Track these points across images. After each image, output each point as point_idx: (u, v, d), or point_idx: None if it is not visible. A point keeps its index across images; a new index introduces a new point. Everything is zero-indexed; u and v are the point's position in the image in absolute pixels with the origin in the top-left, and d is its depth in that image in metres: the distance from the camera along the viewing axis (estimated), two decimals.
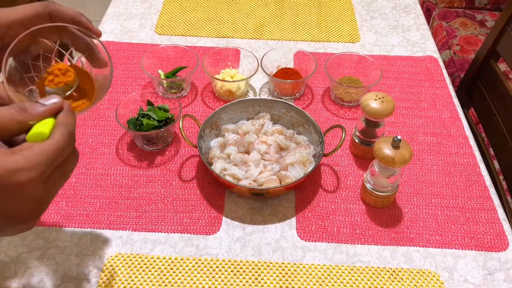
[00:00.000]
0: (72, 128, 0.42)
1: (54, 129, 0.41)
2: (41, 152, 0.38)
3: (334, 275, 0.72)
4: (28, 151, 0.38)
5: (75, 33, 0.51)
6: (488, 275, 0.72)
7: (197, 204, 0.81)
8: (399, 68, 1.09)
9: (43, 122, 0.41)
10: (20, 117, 0.40)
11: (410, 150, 0.73)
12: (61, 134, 0.40)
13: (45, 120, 0.41)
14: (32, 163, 0.38)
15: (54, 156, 0.39)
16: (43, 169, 0.38)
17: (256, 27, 1.20)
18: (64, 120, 0.42)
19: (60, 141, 0.40)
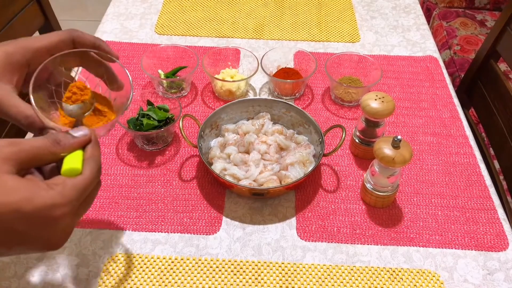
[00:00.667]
0: (99, 161, 0.46)
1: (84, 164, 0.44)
2: (74, 188, 0.42)
3: (334, 275, 0.72)
4: (62, 187, 0.41)
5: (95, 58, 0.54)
6: (488, 275, 0.72)
7: (197, 204, 0.81)
8: (399, 68, 1.09)
9: (73, 154, 0.45)
10: (53, 149, 0.43)
11: (410, 150, 0.73)
12: (91, 170, 0.44)
13: (75, 153, 0.45)
14: (67, 199, 0.41)
15: (84, 190, 0.43)
16: (75, 204, 0.42)
17: (256, 27, 1.20)
18: (93, 153, 0.45)
19: (90, 176, 0.44)
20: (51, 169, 0.46)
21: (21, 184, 0.39)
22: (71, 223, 0.43)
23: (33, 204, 0.39)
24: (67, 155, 0.44)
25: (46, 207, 0.39)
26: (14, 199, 0.38)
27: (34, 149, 0.42)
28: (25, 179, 0.41)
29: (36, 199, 0.39)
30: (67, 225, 0.42)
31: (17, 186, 0.39)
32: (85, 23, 2.65)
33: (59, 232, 0.42)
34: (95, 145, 0.46)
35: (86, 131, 0.46)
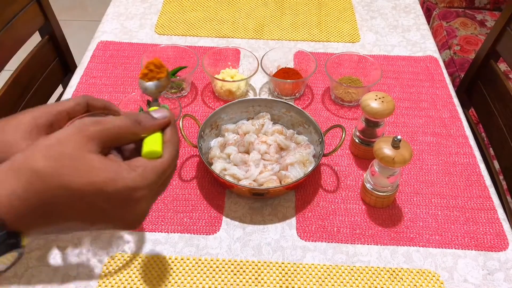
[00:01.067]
0: (177, 146, 0.47)
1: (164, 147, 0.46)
2: (154, 171, 0.44)
3: (334, 275, 0.72)
4: (143, 169, 0.43)
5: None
6: (488, 275, 0.72)
7: (197, 204, 0.81)
8: (399, 68, 1.09)
9: (153, 136, 0.45)
10: (134, 129, 0.45)
11: (410, 150, 0.73)
12: (170, 154, 0.46)
13: (155, 135, 0.46)
14: (147, 182, 0.43)
15: (163, 173, 0.45)
16: (154, 187, 0.44)
17: (256, 27, 1.20)
18: (172, 138, 0.47)
19: (169, 160, 0.45)
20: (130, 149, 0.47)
21: (105, 164, 0.41)
22: (149, 205, 0.45)
23: (116, 185, 0.41)
24: (147, 136, 0.45)
25: (128, 189, 0.41)
26: (99, 179, 0.40)
27: (117, 128, 0.44)
28: (109, 159, 0.42)
29: (119, 181, 0.41)
30: (145, 207, 0.44)
31: (102, 166, 0.41)
32: (85, 23, 2.65)
33: (137, 213, 0.44)
34: (173, 128, 0.48)
35: (165, 113, 0.47)
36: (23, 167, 0.39)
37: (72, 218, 0.41)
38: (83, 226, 0.43)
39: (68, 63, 1.28)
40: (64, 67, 1.27)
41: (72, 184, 0.39)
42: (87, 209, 0.41)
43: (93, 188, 0.40)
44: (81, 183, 0.39)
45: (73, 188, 0.39)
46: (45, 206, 0.39)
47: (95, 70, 1.06)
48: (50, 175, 0.39)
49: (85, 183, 0.40)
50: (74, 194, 0.39)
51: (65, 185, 0.39)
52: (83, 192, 0.40)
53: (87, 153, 0.41)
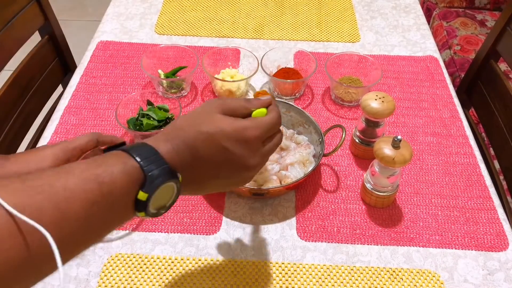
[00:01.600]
0: (279, 113, 0.59)
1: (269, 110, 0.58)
2: (261, 121, 0.55)
3: (334, 275, 0.72)
4: (252, 120, 0.55)
5: None
6: (488, 275, 0.72)
7: (197, 204, 0.81)
8: (399, 68, 1.09)
9: (259, 110, 0.57)
10: (247, 105, 0.57)
11: (410, 150, 0.73)
12: (273, 114, 0.57)
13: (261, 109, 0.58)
14: (256, 124, 0.54)
15: (269, 126, 0.56)
16: (263, 131, 0.55)
17: (256, 27, 1.20)
18: (274, 107, 0.59)
19: (273, 118, 0.57)
20: None
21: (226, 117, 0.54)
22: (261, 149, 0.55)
23: (232, 126, 0.53)
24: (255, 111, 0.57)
25: (241, 127, 0.53)
26: (221, 124, 0.53)
27: (234, 103, 0.56)
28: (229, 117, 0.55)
29: (234, 123, 0.53)
30: (259, 149, 0.55)
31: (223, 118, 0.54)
32: (85, 23, 2.65)
33: (252, 153, 0.54)
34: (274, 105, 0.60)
35: (268, 96, 0.60)
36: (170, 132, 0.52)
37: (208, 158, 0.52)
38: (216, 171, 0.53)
39: (68, 63, 1.28)
40: (64, 67, 1.27)
41: (204, 129, 0.52)
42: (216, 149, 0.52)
43: (218, 130, 0.52)
44: (210, 127, 0.52)
45: (204, 132, 0.51)
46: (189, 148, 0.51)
47: (95, 70, 1.06)
48: (188, 126, 0.52)
49: (213, 127, 0.52)
50: (206, 136, 0.51)
51: (199, 130, 0.51)
52: (212, 133, 0.51)
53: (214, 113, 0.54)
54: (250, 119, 0.56)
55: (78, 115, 0.96)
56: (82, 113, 0.96)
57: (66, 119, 0.95)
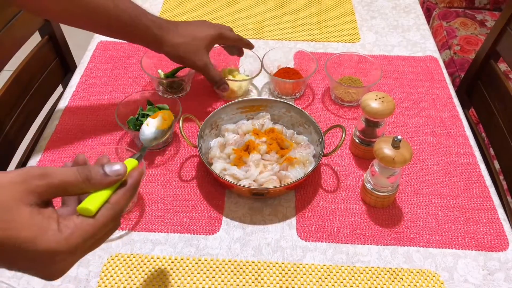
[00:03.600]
0: (119, 211, 0.45)
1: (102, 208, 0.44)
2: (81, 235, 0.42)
3: (334, 275, 0.72)
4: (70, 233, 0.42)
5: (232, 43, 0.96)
6: (488, 275, 0.72)
7: (197, 204, 0.81)
8: (399, 68, 1.09)
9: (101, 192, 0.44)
10: (83, 186, 0.44)
11: (410, 150, 0.73)
12: (104, 217, 0.44)
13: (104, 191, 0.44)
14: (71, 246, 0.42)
15: (92, 236, 0.43)
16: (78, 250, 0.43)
17: (256, 27, 1.20)
18: (117, 200, 0.45)
19: (101, 223, 0.44)
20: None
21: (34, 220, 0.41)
22: (71, 263, 0.44)
23: (36, 246, 0.40)
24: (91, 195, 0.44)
25: (48, 252, 0.41)
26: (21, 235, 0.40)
27: (63, 184, 0.43)
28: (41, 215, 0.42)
29: (42, 242, 0.40)
30: (65, 267, 0.44)
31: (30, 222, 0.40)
32: None
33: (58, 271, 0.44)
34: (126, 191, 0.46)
35: (121, 171, 0.46)
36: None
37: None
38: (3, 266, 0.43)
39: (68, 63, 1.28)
40: (64, 67, 1.27)
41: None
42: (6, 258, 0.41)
43: (12, 244, 0.39)
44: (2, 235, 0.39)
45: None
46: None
47: (95, 70, 1.06)
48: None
49: (5, 237, 0.39)
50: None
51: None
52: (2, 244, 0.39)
53: (22, 205, 0.40)
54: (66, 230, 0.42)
55: (78, 115, 0.96)
56: (82, 113, 0.96)
57: (66, 119, 0.95)
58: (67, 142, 0.90)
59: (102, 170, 0.45)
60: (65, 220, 0.43)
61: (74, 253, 0.43)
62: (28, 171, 0.42)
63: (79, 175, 0.44)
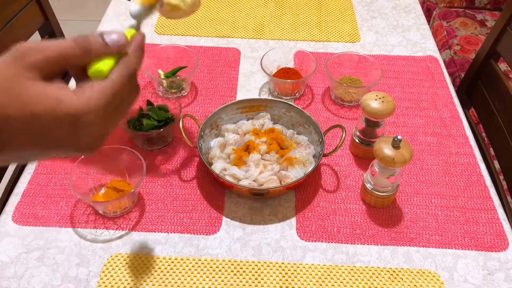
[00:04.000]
0: (133, 68, 0.43)
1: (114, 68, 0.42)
2: (100, 94, 0.40)
3: (334, 275, 0.72)
4: (89, 93, 0.40)
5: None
6: (488, 275, 0.72)
7: (197, 204, 0.81)
8: (399, 68, 1.09)
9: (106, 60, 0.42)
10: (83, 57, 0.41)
11: (410, 150, 0.73)
12: (119, 75, 0.42)
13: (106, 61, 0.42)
14: (92, 107, 0.40)
15: (112, 98, 0.41)
16: (101, 112, 0.41)
17: (256, 27, 1.20)
18: (127, 60, 0.43)
19: (118, 82, 0.42)
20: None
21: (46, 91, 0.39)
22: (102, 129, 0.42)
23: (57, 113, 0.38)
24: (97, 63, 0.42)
25: (71, 116, 0.39)
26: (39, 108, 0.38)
27: (62, 56, 0.40)
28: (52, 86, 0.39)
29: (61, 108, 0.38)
30: (98, 131, 0.41)
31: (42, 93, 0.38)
32: (85, 23, 2.65)
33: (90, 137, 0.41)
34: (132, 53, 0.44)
35: (121, 40, 0.43)
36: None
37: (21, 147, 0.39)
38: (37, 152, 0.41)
39: None
40: None
41: (12, 115, 0.37)
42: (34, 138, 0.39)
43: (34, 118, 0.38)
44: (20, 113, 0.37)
45: (12, 119, 0.37)
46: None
47: None
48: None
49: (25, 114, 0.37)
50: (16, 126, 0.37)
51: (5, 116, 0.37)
52: (24, 122, 0.37)
53: (26, 81, 0.38)
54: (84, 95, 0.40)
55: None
56: None
57: None
58: None
59: (102, 40, 0.42)
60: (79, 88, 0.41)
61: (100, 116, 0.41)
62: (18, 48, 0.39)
63: (77, 46, 0.41)
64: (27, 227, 0.77)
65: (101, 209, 0.78)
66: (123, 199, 0.76)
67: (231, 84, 1.04)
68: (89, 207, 0.79)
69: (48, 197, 0.81)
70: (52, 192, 0.82)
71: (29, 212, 0.78)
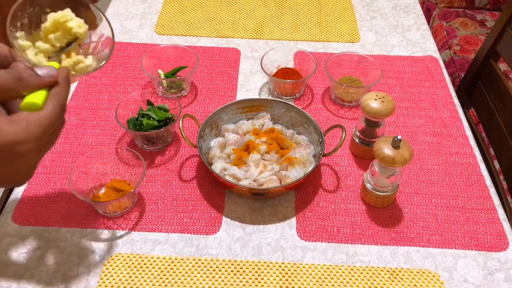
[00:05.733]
0: (64, 99, 0.44)
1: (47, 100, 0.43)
2: (38, 124, 0.41)
3: (334, 275, 0.72)
4: (26, 123, 0.40)
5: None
6: (488, 275, 0.72)
7: (197, 204, 0.81)
8: (399, 68, 1.09)
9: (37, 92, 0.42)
10: (15, 86, 0.41)
11: (410, 150, 0.73)
12: (53, 106, 0.43)
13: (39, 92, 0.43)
14: (31, 135, 0.40)
15: (48, 126, 0.42)
16: (40, 141, 0.41)
17: (256, 27, 1.20)
18: (59, 91, 0.44)
19: (53, 112, 0.43)
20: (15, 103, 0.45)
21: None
22: (36, 159, 0.43)
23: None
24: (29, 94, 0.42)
25: (10, 143, 0.39)
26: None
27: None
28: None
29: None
30: (32, 160, 0.42)
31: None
32: None
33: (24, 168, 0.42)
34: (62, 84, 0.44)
35: (52, 71, 0.44)
36: None
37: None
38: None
39: None
40: None
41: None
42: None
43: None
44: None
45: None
46: None
47: None
48: None
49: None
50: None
51: None
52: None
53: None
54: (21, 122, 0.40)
55: (78, 115, 0.96)
56: (82, 113, 0.96)
57: (66, 119, 0.95)
58: (67, 141, 0.90)
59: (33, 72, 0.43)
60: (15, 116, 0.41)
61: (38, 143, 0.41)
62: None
63: (9, 76, 0.41)
64: (27, 227, 0.77)
65: (101, 209, 0.78)
66: (123, 199, 0.76)
67: (231, 84, 1.04)
68: (89, 207, 0.79)
69: (48, 197, 0.81)
70: (52, 192, 0.82)
71: (29, 212, 0.78)
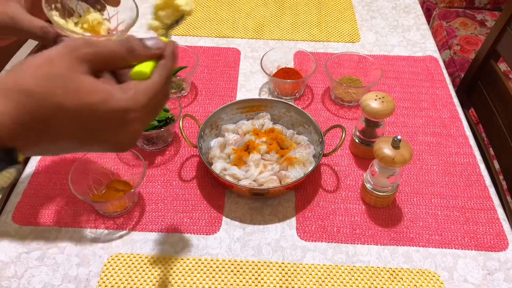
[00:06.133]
0: (170, 71, 0.46)
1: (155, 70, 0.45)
2: (146, 93, 0.43)
3: (334, 275, 0.72)
4: (135, 91, 0.43)
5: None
6: (488, 275, 0.72)
7: (197, 204, 0.81)
8: (399, 68, 1.09)
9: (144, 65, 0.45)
10: (126, 56, 0.44)
11: (410, 150, 0.73)
12: (160, 75, 0.45)
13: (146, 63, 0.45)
14: (139, 104, 0.43)
15: (155, 96, 0.44)
16: (147, 109, 0.44)
17: (256, 27, 1.20)
18: (165, 63, 0.46)
19: (159, 81, 0.45)
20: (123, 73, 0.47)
21: (97, 85, 0.41)
22: (140, 128, 0.45)
23: (109, 106, 0.41)
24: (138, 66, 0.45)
25: (121, 110, 0.41)
26: (92, 100, 0.40)
27: (110, 53, 0.43)
28: (101, 81, 0.42)
29: (112, 102, 0.41)
30: (137, 130, 0.44)
31: (94, 87, 0.41)
32: None
33: (129, 135, 0.44)
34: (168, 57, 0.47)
35: (159, 43, 0.47)
36: (12, 87, 0.38)
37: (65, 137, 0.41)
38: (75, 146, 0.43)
39: None
40: None
41: (65, 105, 0.39)
42: (80, 129, 0.41)
43: (87, 109, 0.40)
44: (74, 104, 0.39)
45: (66, 109, 0.39)
46: (39, 124, 0.39)
47: None
48: (42, 94, 0.38)
49: (78, 104, 0.39)
50: (67, 115, 0.39)
51: (58, 105, 0.39)
52: (76, 112, 0.40)
53: (79, 74, 0.40)
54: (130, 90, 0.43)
55: None
56: None
57: None
58: None
59: (142, 44, 0.46)
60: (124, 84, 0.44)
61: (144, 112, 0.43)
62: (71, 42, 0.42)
63: (122, 46, 0.44)
64: (27, 227, 0.77)
65: (101, 209, 0.78)
66: (123, 199, 0.76)
67: (231, 84, 1.04)
68: (89, 207, 0.79)
69: (48, 197, 0.81)
70: (52, 192, 0.82)
71: (29, 212, 0.78)
